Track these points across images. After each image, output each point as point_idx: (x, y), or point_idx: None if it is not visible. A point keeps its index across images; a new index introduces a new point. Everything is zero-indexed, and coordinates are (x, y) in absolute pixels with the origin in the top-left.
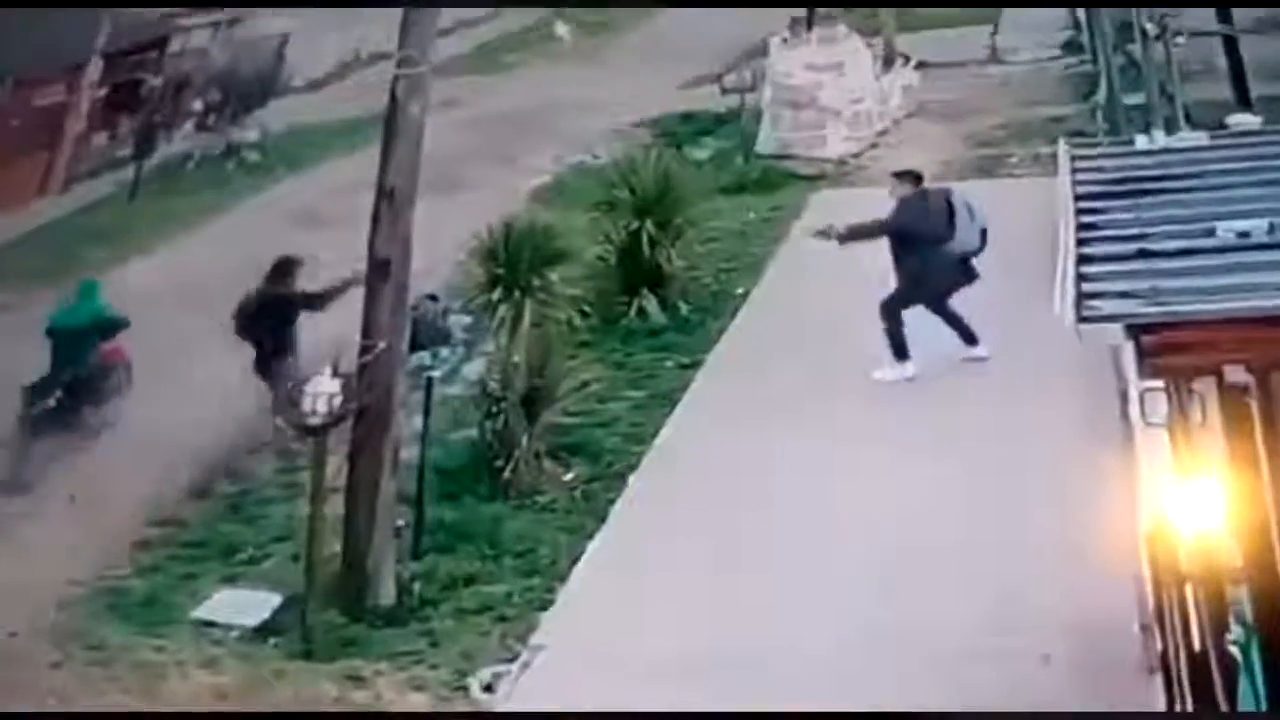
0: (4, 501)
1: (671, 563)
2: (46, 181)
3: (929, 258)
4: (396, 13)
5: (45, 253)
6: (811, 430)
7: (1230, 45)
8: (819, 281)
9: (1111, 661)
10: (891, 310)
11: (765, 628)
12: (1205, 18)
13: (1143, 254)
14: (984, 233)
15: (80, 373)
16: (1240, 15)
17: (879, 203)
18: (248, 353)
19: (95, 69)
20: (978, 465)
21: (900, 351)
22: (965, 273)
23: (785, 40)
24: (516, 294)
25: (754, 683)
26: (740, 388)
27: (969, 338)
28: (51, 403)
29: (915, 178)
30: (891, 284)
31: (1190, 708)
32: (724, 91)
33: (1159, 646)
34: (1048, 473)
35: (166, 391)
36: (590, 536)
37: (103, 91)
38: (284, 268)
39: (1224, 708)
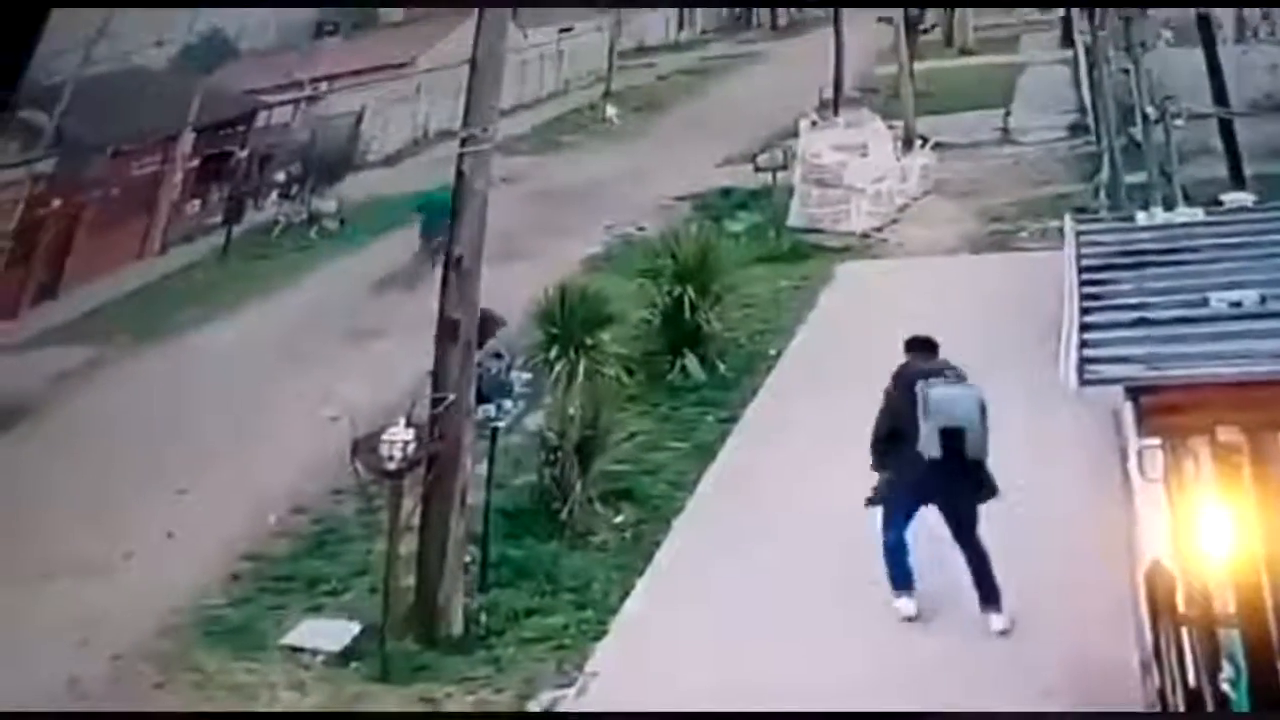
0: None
1: (713, 598)
2: (144, 245)
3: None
4: (461, 93)
5: (143, 311)
6: (837, 479)
7: (1226, 127)
8: (847, 343)
9: (1112, 697)
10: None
11: (793, 659)
12: (1203, 100)
13: (1142, 322)
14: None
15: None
16: (1236, 98)
17: (900, 273)
18: (327, 404)
19: (187, 141)
20: (990, 516)
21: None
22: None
23: (814, 122)
24: (571, 352)
25: (787, 707)
26: (774, 439)
27: (988, 593)
28: None
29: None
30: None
31: None
32: (758, 170)
33: (1157, 683)
34: (1054, 523)
35: (255, 439)
36: (639, 574)
37: (194, 162)
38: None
39: None
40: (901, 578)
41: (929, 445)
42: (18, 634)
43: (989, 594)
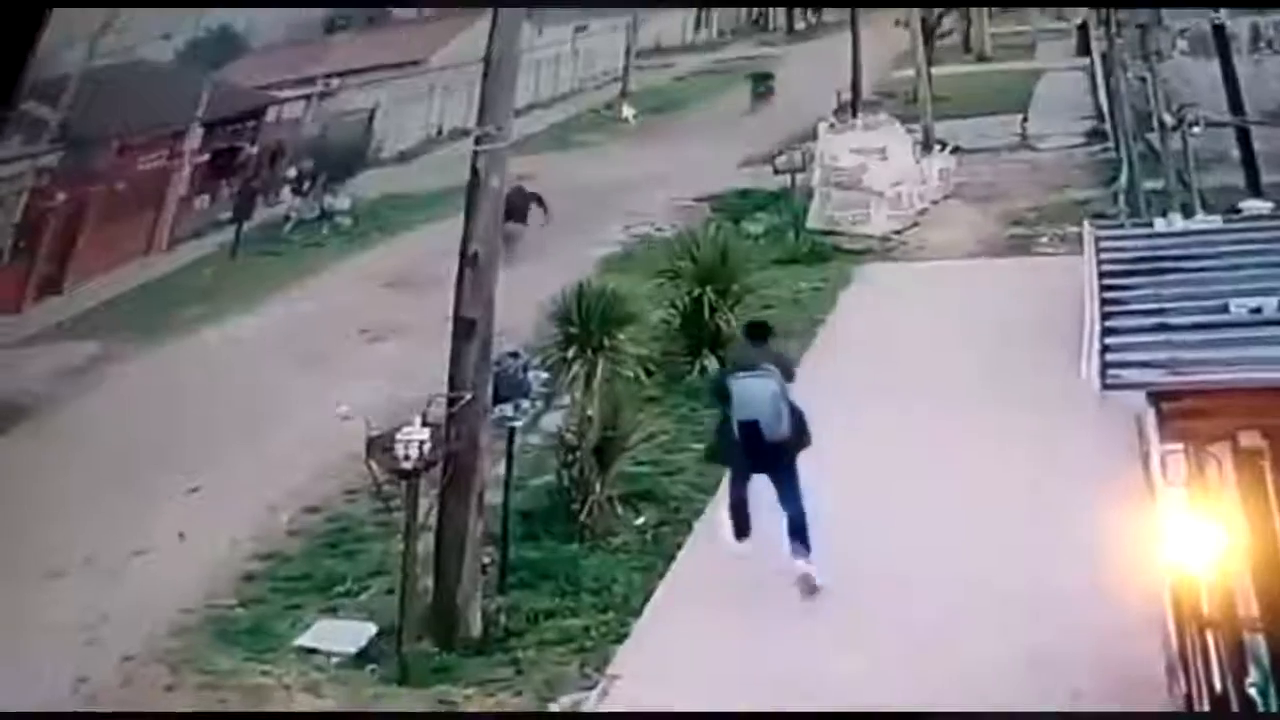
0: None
1: (736, 600)
2: (151, 241)
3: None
4: (476, 90)
5: (150, 308)
6: (857, 483)
7: (1243, 136)
8: (867, 345)
9: (1138, 701)
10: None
11: (821, 661)
12: (1219, 109)
13: (1162, 327)
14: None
15: None
16: (1252, 107)
17: (920, 277)
18: (340, 402)
19: (195, 136)
20: (1014, 521)
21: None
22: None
23: (832, 126)
24: (589, 353)
25: (809, 707)
26: None
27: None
28: None
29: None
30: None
31: None
32: (776, 172)
33: (1183, 688)
34: (1080, 528)
35: (267, 437)
36: (660, 576)
37: (203, 158)
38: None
39: None
40: (740, 528)
41: (737, 431)
42: (24, 634)
43: (800, 545)
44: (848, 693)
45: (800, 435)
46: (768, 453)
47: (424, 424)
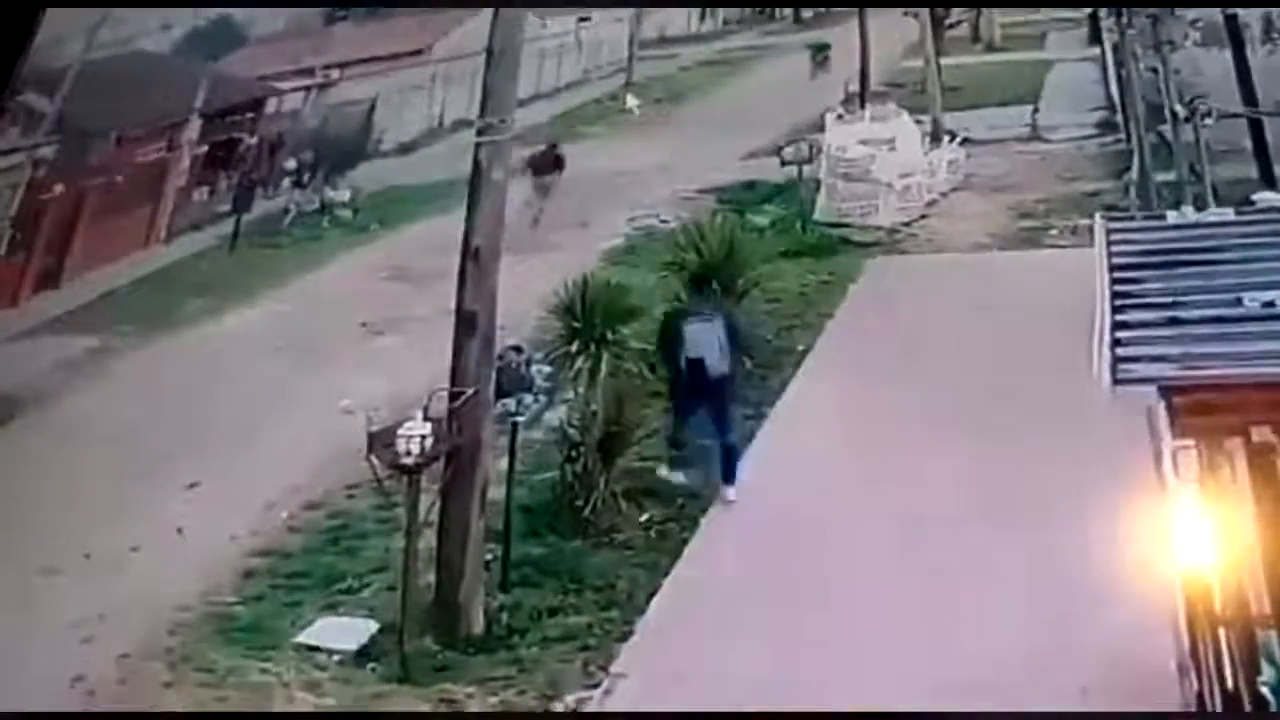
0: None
1: (742, 598)
2: (150, 233)
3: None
4: (478, 81)
5: (149, 301)
6: (869, 479)
7: (1256, 127)
8: (876, 339)
9: (1150, 699)
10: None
11: (828, 660)
12: (1231, 100)
13: (1174, 321)
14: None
15: None
16: (1265, 98)
17: (930, 269)
18: (341, 396)
19: (194, 128)
20: (1023, 518)
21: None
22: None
23: (840, 116)
24: (592, 347)
25: (815, 707)
26: (802, 437)
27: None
28: None
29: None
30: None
31: None
32: (783, 163)
33: (1195, 686)
34: (1090, 525)
35: (267, 432)
36: (665, 573)
37: (201, 150)
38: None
39: None
40: (675, 462)
41: (685, 368)
42: (20, 631)
43: (729, 474)
44: (853, 689)
45: (735, 374)
46: (710, 387)
47: (426, 419)
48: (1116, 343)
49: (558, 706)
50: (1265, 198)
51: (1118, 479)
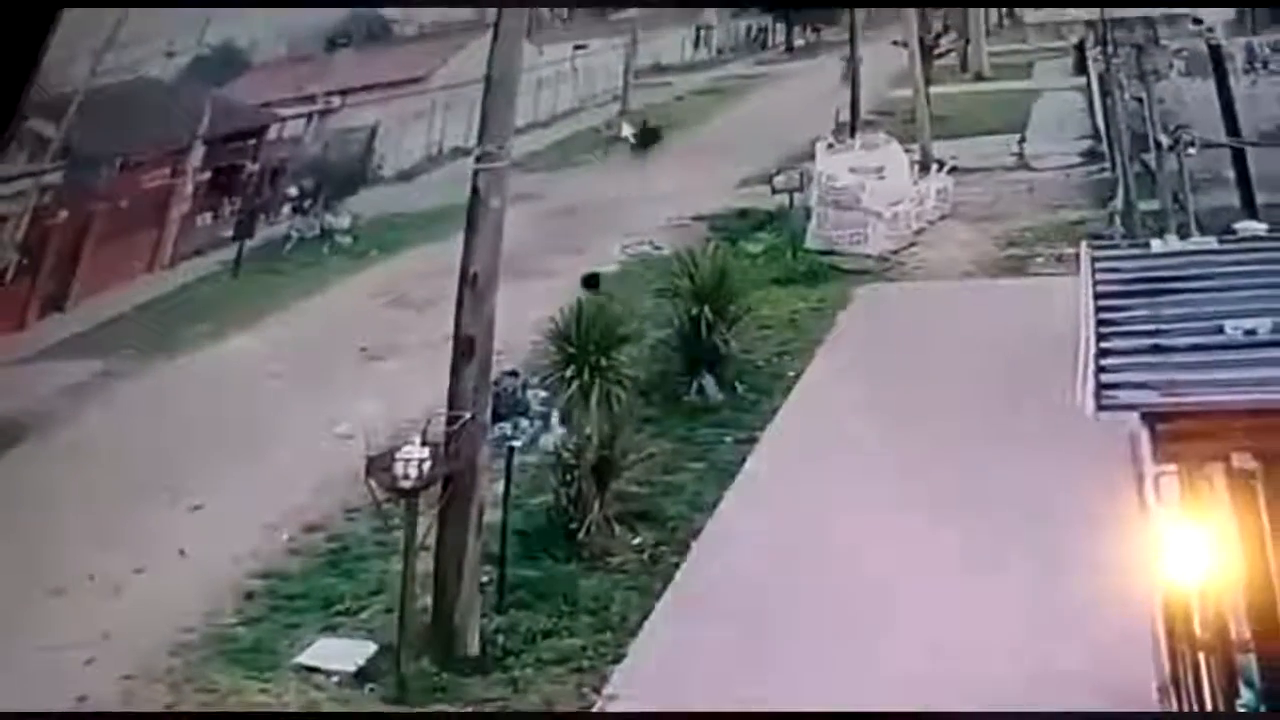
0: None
1: (732, 620)
2: (154, 258)
3: None
4: (477, 109)
5: (153, 325)
6: (855, 500)
7: (1239, 157)
8: (866, 365)
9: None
10: None
11: (817, 679)
12: (1215, 130)
13: (1157, 349)
14: None
15: None
16: (1247, 128)
17: (918, 296)
18: (340, 421)
19: (197, 154)
20: (1007, 542)
21: None
22: None
23: (830, 145)
24: (587, 372)
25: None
26: (793, 461)
27: None
28: None
29: None
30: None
31: None
32: (774, 191)
33: (1175, 707)
34: (1073, 548)
35: (268, 456)
36: (658, 596)
37: (205, 176)
38: None
39: None
40: None
41: None
42: (24, 651)
43: None
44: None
45: None
46: None
47: (423, 443)
48: (1100, 369)
49: None
50: (1247, 227)
51: (1100, 504)
